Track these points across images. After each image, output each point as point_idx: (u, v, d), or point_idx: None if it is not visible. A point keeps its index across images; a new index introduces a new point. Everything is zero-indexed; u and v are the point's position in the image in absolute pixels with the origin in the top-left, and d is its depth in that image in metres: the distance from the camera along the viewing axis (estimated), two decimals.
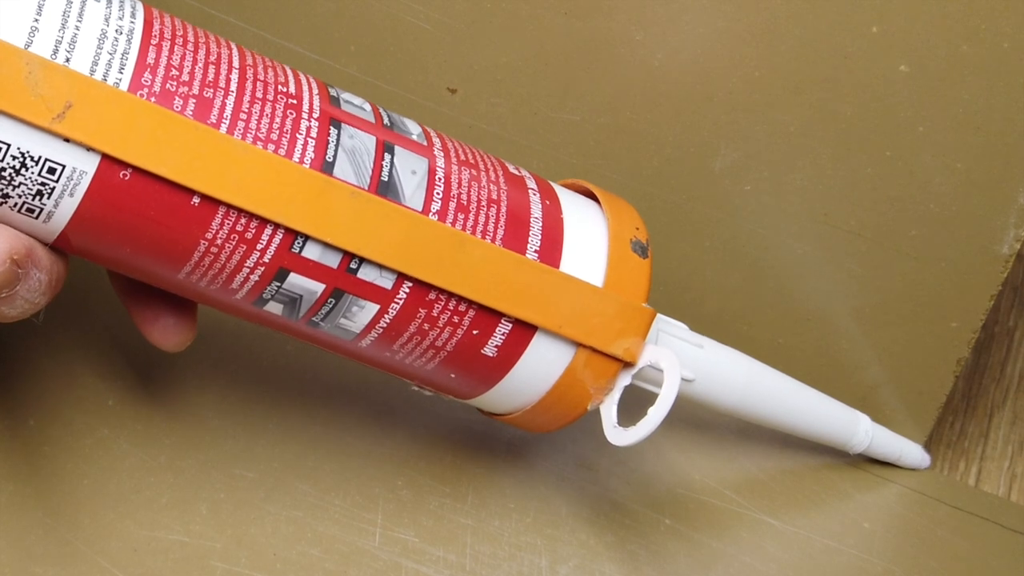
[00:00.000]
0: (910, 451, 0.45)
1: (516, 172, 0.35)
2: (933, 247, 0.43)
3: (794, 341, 0.46)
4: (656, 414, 0.34)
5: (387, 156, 0.32)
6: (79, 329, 0.42)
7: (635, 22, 0.42)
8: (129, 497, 0.37)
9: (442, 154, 0.33)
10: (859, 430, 0.43)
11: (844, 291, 0.44)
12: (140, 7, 0.30)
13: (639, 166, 0.44)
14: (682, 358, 0.37)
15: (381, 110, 0.34)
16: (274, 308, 0.32)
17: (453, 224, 0.32)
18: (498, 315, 0.33)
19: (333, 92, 0.33)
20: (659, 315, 0.37)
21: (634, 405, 0.36)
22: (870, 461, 0.45)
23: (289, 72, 0.32)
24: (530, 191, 0.35)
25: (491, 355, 0.34)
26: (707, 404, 0.39)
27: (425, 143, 0.33)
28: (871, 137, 0.42)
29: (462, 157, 0.34)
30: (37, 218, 0.29)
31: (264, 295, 0.32)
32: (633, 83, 0.43)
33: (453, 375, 0.35)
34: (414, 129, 0.34)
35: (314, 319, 0.33)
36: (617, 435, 0.34)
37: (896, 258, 0.43)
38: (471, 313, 0.33)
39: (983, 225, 0.43)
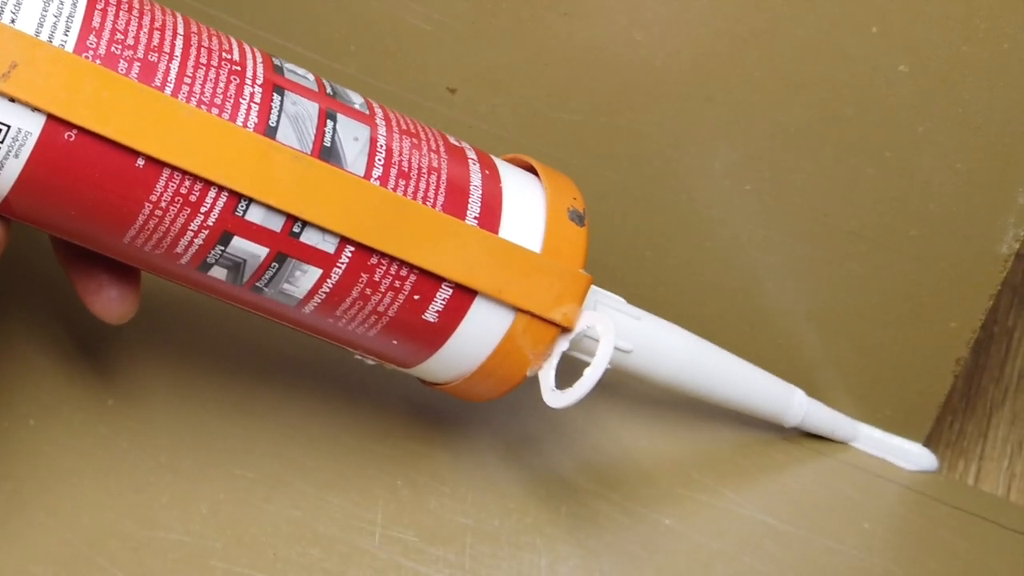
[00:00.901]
0: (843, 426, 0.45)
1: (457, 143, 0.36)
2: (933, 247, 0.43)
3: (794, 341, 0.46)
4: (591, 374, 0.34)
5: (329, 123, 0.32)
6: (79, 329, 0.42)
7: (635, 22, 0.42)
8: (129, 497, 0.37)
9: (384, 123, 0.34)
10: (793, 403, 0.44)
11: (844, 291, 0.44)
12: None
13: (640, 166, 0.44)
14: (620, 329, 0.38)
15: (324, 80, 0.34)
16: (218, 273, 0.33)
17: (394, 190, 0.33)
18: (439, 280, 0.34)
19: (277, 62, 0.33)
20: (597, 288, 0.38)
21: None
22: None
23: (234, 41, 0.33)
24: (470, 161, 0.35)
25: (432, 320, 0.34)
26: (646, 376, 0.39)
27: (367, 112, 0.34)
28: (871, 137, 0.42)
29: (403, 127, 0.34)
30: None
31: (208, 259, 0.32)
32: (633, 83, 0.43)
33: (395, 342, 0.35)
34: (356, 99, 0.34)
35: (258, 284, 0.33)
36: (554, 398, 0.35)
37: (896, 258, 0.43)
38: (412, 278, 0.33)
39: (983, 225, 0.43)
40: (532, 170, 0.37)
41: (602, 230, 0.46)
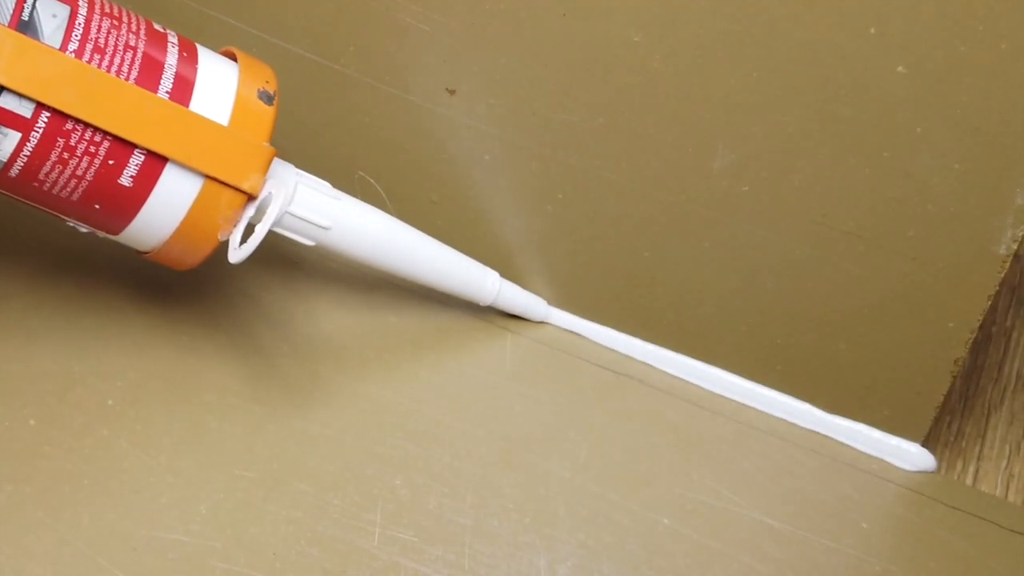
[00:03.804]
0: (534, 305, 0.48)
1: (161, 30, 0.40)
2: (931, 248, 0.43)
3: (792, 341, 0.46)
4: (261, 229, 0.38)
5: (29, 1, 0.36)
6: (78, 329, 0.42)
7: (633, 23, 0.42)
8: (129, 497, 0.37)
9: (86, 5, 0.37)
10: (487, 283, 0.46)
11: (842, 292, 0.44)
12: None
13: (638, 167, 0.44)
14: (319, 208, 0.41)
15: None
16: None
17: (88, 62, 0.36)
18: (131, 146, 0.37)
19: None
20: (302, 172, 0.42)
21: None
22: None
23: None
24: (169, 44, 0.39)
25: (127, 185, 0.38)
26: (346, 252, 0.43)
27: None
28: (869, 138, 0.42)
29: (107, 11, 0.38)
30: None
31: None
32: (631, 84, 0.43)
33: (97, 206, 0.38)
34: None
35: None
36: (235, 254, 0.39)
37: (894, 259, 0.43)
38: (106, 143, 0.37)
39: (981, 226, 0.43)
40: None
41: (601, 229, 0.46)
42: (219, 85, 0.39)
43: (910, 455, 0.46)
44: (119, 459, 0.38)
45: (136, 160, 0.37)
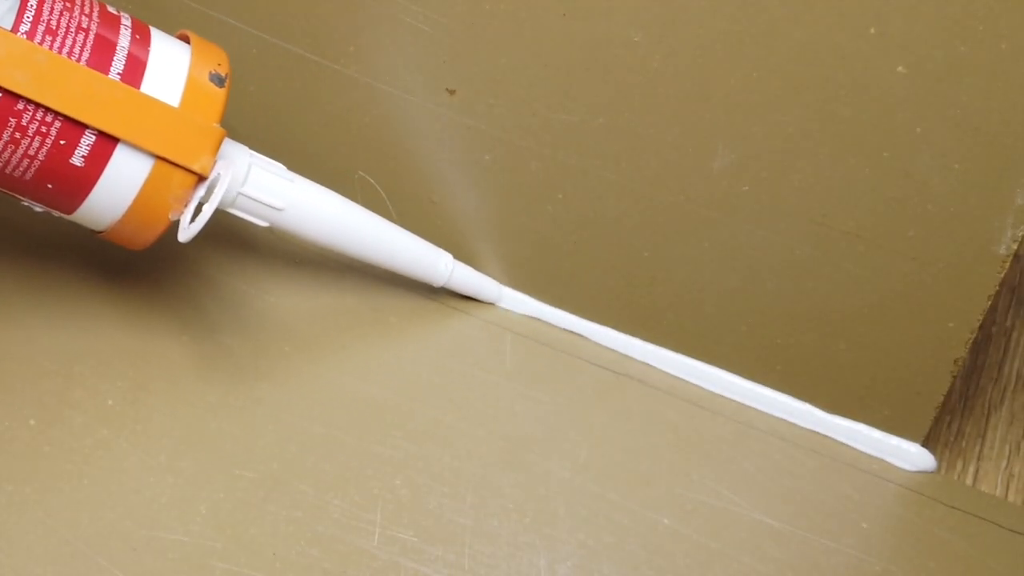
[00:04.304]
0: (487, 286, 0.48)
1: (114, 12, 0.40)
2: (931, 248, 0.43)
3: (792, 341, 0.46)
4: (208, 208, 0.39)
5: None
6: (79, 329, 0.42)
7: (633, 23, 0.42)
8: (129, 497, 0.37)
9: None
10: (440, 264, 0.47)
11: (842, 292, 0.44)
12: None
13: (637, 167, 0.44)
14: (273, 189, 0.42)
15: None
16: None
17: (40, 44, 0.37)
18: (82, 126, 0.38)
19: None
20: (257, 153, 0.42)
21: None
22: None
23: None
24: (123, 27, 0.40)
25: (79, 165, 0.38)
26: (301, 233, 0.43)
27: None
28: (869, 138, 0.42)
29: None
30: None
31: None
32: (631, 84, 0.43)
33: (50, 186, 0.39)
34: None
35: None
36: (184, 233, 0.39)
37: (894, 259, 0.44)
38: (57, 124, 0.37)
39: (981, 226, 0.43)
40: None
41: (600, 229, 0.46)
42: (171, 67, 0.39)
43: (910, 455, 0.46)
44: (119, 459, 0.38)
45: (87, 140, 0.38)
